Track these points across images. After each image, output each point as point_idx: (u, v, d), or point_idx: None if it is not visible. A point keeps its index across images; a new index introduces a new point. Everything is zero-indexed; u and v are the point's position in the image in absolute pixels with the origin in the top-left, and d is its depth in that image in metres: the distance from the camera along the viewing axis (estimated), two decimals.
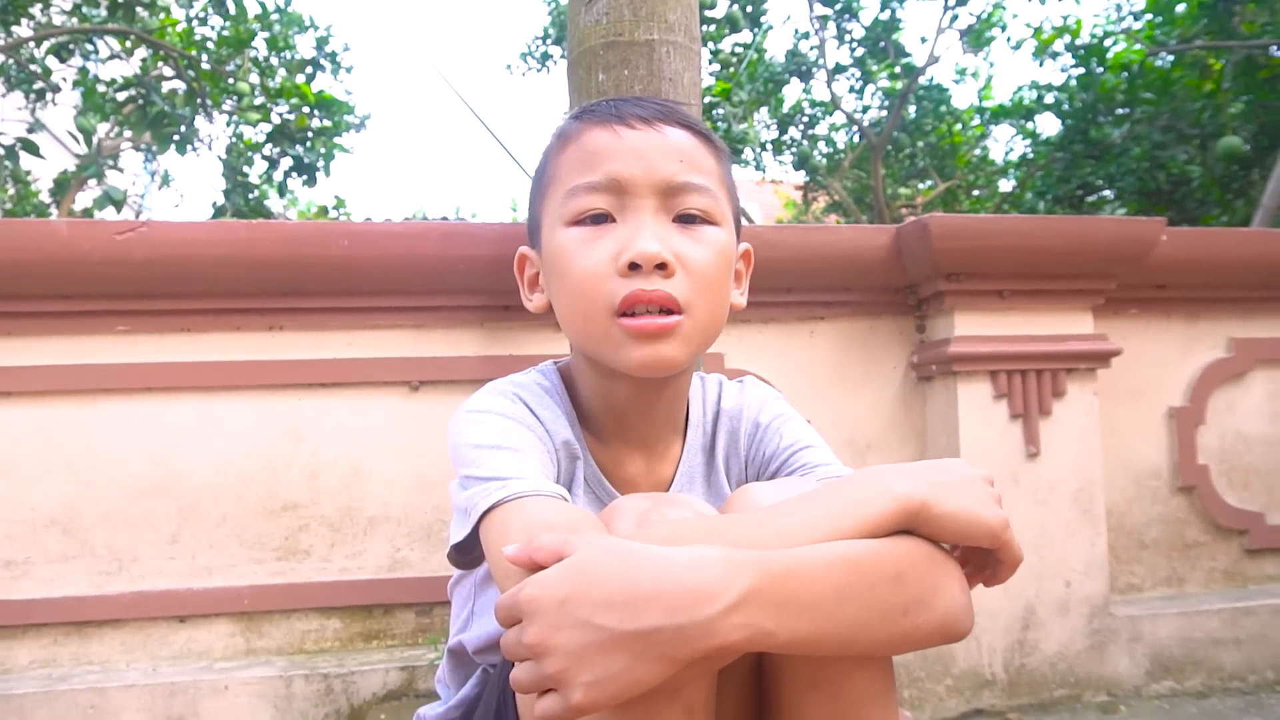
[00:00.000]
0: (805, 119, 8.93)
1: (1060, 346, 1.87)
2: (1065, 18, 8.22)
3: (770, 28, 7.81)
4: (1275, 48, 5.59)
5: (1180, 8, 6.56)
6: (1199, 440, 2.07)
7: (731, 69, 7.69)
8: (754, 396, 0.99)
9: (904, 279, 1.91)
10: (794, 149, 8.92)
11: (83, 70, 6.06)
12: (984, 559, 0.75)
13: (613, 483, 0.91)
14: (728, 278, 0.88)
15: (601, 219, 0.83)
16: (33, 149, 5.15)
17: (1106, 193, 7.04)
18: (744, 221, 1.01)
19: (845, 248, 1.87)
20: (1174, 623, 1.90)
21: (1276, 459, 2.12)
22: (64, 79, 6.10)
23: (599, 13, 1.45)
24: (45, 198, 7.61)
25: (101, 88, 5.95)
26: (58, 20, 5.80)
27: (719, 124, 7.28)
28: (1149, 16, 7.00)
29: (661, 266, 0.80)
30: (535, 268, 0.93)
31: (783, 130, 8.89)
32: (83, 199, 8.02)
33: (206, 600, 1.67)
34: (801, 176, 9.19)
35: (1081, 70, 7.26)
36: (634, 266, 0.80)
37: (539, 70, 8.55)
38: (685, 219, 0.84)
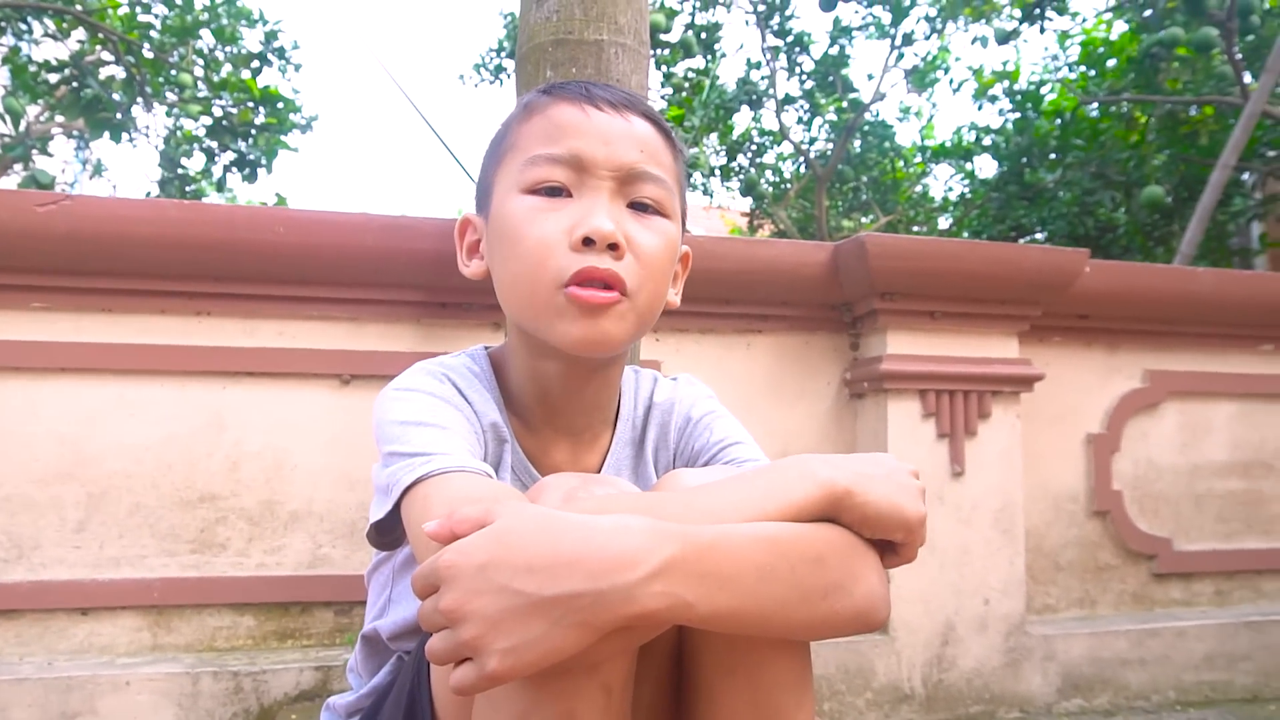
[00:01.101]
0: (754, 147, 9.07)
1: (987, 369, 1.92)
2: (1005, 63, 8.55)
3: (723, 55, 7.93)
4: (1195, 107, 5.90)
5: (1111, 62, 6.89)
6: (1114, 467, 2.15)
7: (684, 94, 7.77)
8: (687, 392, 1.00)
9: (840, 296, 1.95)
10: (741, 176, 9.04)
11: (14, 49, 5.82)
12: (884, 550, 0.73)
13: (539, 469, 0.90)
14: (671, 268, 0.89)
15: (557, 192, 0.83)
16: None
17: (1038, 235, 7.30)
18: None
19: (785, 262, 1.90)
20: (1085, 643, 1.96)
21: (1184, 487, 2.21)
22: None
23: (550, 10, 1.46)
24: None
25: (33, 68, 5.73)
26: None
27: None
28: (1082, 68, 7.33)
29: (613, 247, 0.80)
30: (478, 234, 0.92)
31: (731, 157, 9.00)
32: (7, 183, 7.69)
33: (112, 592, 1.60)
34: (748, 203, 9.31)
35: (1018, 115, 7.55)
36: (588, 242, 0.80)
37: (492, 82, 8.52)
38: (639, 206, 0.84)
